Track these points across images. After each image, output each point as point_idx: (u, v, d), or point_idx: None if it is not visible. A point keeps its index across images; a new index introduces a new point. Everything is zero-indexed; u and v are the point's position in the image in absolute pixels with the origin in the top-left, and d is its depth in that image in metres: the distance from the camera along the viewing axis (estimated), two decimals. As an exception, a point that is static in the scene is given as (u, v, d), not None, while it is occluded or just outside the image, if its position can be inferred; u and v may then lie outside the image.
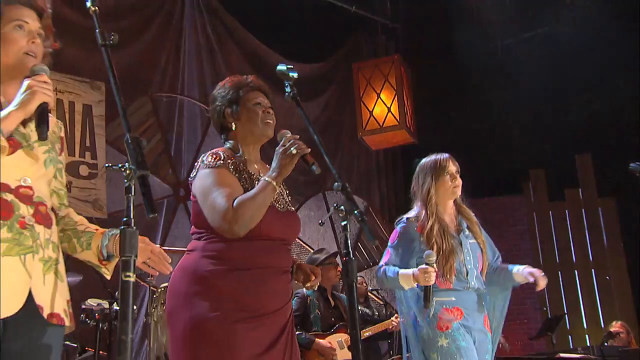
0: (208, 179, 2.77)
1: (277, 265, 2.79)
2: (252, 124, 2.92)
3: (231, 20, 9.58)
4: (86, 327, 6.10)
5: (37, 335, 2.21)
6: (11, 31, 2.30)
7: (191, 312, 2.66)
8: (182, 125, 9.00)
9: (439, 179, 3.76)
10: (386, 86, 10.14)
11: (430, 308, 3.58)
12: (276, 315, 2.73)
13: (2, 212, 2.16)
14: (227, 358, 2.58)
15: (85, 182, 7.94)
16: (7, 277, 2.13)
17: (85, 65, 8.03)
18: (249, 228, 2.62)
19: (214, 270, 2.70)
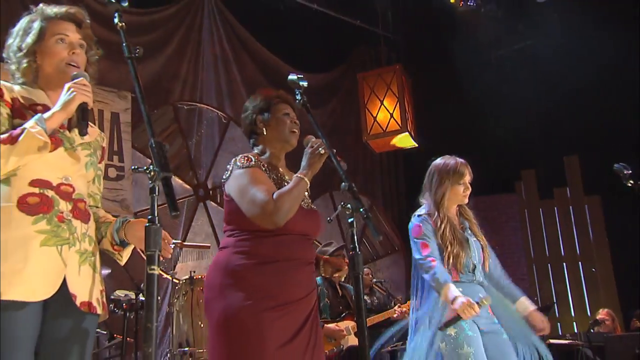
0: (244, 178, 2.82)
1: (301, 257, 2.84)
2: (280, 131, 2.98)
3: (245, 33, 9.58)
4: (114, 316, 6.11)
5: (71, 322, 2.23)
6: (53, 45, 2.35)
7: (224, 303, 2.71)
8: (201, 131, 9.01)
9: (454, 185, 3.70)
10: (389, 94, 10.14)
11: (444, 330, 3.52)
12: (301, 303, 2.77)
13: (42, 207, 2.19)
14: (256, 346, 2.62)
15: (113, 184, 7.96)
16: (43, 264, 2.16)
17: (112, 77, 8.04)
18: (287, 218, 2.69)
19: (243, 264, 2.74)
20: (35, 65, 2.34)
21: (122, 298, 5.86)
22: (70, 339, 2.23)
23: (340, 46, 10.55)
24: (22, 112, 2.24)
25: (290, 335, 2.68)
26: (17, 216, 2.15)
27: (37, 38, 2.33)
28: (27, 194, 2.19)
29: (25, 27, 2.37)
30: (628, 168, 3.87)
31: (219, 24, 9.36)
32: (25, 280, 2.11)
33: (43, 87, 2.37)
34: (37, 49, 2.33)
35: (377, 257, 10.08)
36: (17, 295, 2.09)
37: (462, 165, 3.75)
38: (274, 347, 2.62)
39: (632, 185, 3.88)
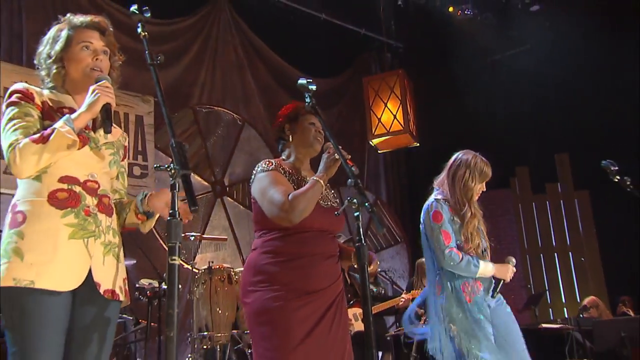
0: (265, 180, 2.88)
1: (322, 252, 2.88)
2: (305, 139, 3.04)
3: (258, 41, 9.59)
4: (140, 303, 6.14)
5: (96, 308, 2.26)
6: (79, 51, 2.36)
7: (254, 297, 2.80)
8: (218, 132, 9.02)
9: (480, 182, 3.72)
10: (392, 97, 10.11)
11: (495, 297, 3.59)
12: (325, 293, 2.82)
13: (71, 201, 2.21)
14: (283, 334, 2.69)
15: (138, 181, 7.99)
16: (71, 256, 2.18)
17: (137, 82, 8.06)
18: (302, 217, 2.73)
19: (269, 262, 2.82)
20: (63, 71, 2.35)
21: (147, 286, 5.89)
22: (94, 324, 2.25)
23: (346, 53, 10.54)
24: (51, 115, 2.26)
25: (315, 322, 2.74)
26: (47, 210, 2.17)
27: (65, 45, 2.34)
28: (57, 189, 2.21)
29: (54, 35, 2.38)
30: (615, 165, 3.86)
31: (234, 33, 9.37)
32: (54, 271, 2.13)
33: (70, 92, 2.39)
34: (64, 55, 2.34)
35: (381, 248, 10.07)
36: (47, 284, 2.11)
37: (488, 167, 3.76)
38: (301, 334, 2.69)
39: (618, 180, 3.86)
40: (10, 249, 2.11)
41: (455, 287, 3.51)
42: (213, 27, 9.21)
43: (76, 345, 2.21)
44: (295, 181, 2.94)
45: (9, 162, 2.13)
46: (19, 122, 2.19)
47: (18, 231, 2.14)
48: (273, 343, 2.69)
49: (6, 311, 2.09)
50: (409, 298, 6.13)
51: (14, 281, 2.06)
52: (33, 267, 2.09)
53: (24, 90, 2.27)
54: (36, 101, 2.26)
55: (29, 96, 2.25)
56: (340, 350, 2.81)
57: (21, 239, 2.12)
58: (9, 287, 2.06)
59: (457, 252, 3.50)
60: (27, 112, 2.22)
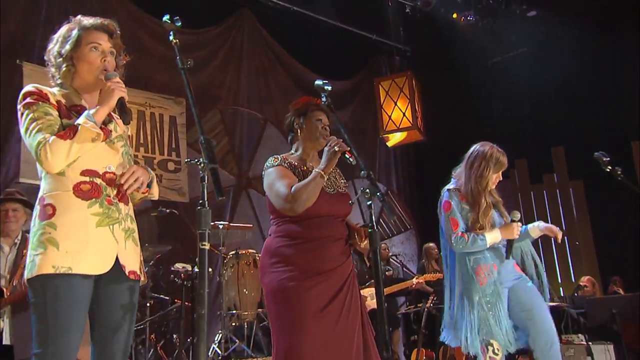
0: (272, 175, 2.91)
1: (331, 235, 2.86)
2: (312, 134, 3.03)
3: (278, 48, 9.59)
4: (175, 285, 6.18)
5: (121, 287, 2.27)
6: (88, 52, 2.32)
7: (270, 278, 2.81)
8: (243, 130, 9.04)
9: (495, 172, 3.59)
10: (401, 96, 10.13)
11: (510, 258, 3.53)
12: (335, 273, 2.81)
13: (94, 193, 2.22)
14: (297, 310, 2.68)
15: (172, 175, 8.03)
16: (101, 243, 2.20)
17: (170, 87, 8.12)
18: (305, 206, 2.75)
19: (284, 245, 2.83)
20: (73, 69, 2.32)
21: (181, 270, 5.92)
22: (122, 302, 2.26)
23: (359, 56, 10.51)
24: (67, 113, 2.26)
25: (328, 299, 2.73)
26: (75, 201, 2.18)
27: (75, 45, 2.31)
28: (80, 182, 2.21)
29: (64, 34, 2.34)
30: (607, 156, 3.82)
31: (257, 40, 9.38)
32: (88, 257, 2.15)
33: (78, 89, 2.37)
34: (74, 54, 2.31)
35: (392, 235, 10.05)
36: (83, 269, 2.13)
37: (503, 157, 3.64)
38: (314, 310, 2.68)
39: (610, 170, 3.83)
40: (45, 239, 2.12)
41: (469, 271, 3.47)
42: (238, 36, 9.22)
43: (106, 322, 2.23)
44: (300, 173, 2.93)
45: (40, 160, 2.13)
46: (42, 121, 2.17)
47: (50, 222, 2.14)
48: (289, 319, 2.69)
49: (39, 294, 2.10)
50: (420, 281, 6.11)
51: (54, 268, 2.08)
52: (69, 255, 2.11)
53: (38, 91, 2.25)
54: (51, 101, 2.24)
55: (44, 97, 2.23)
56: (355, 324, 2.79)
57: (54, 229, 2.13)
58: (47, 274, 2.08)
59: (462, 234, 3.46)
60: (47, 111, 2.20)
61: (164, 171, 7.95)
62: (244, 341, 6.05)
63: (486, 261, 3.48)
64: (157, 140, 8.03)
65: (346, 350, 2.69)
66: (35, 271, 2.08)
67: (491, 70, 9.81)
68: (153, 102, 8.07)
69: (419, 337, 6.14)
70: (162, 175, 7.93)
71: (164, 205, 7.09)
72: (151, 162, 7.90)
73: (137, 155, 7.78)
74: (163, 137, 8.08)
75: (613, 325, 5.59)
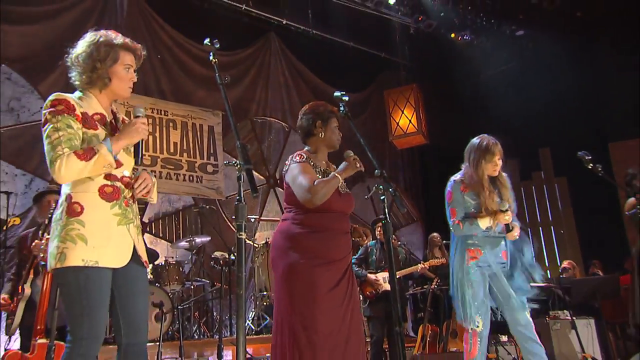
0: (296, 170, 2.85)
1: (339, 228, 2.83)
2: (331, 140, 2.98)
3: (301, 66, 9.61)
4: (214, 270, 6.22)
5: (139, 274, 2.28)
6: (122, 70, 2.28)
7: (286, 260, 2.75)
8: (270, 137, 9.07)
9: (488, 161, 3.49)
10: (407, 105, 10.15)
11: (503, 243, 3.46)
12: (340, 262, 2.77)
13: (115, 195, 2.20)
14: (310, 291, 2.65)
15: (211, 176, 8.07)
16: (121, 240, 2.20)
17: (208, 101, 8.18)
18: (322, 200, 2.72)
19: (299, 232, 2.77)
20: (109, 82, 2.27)
21: (220, 257, 5.95)
22: (140, 284, 2.28)
23: (370, 72, 10.47)
24: (88, 122, 2.21)
25: (334, 284, 2.70)
26: (100, 202, 2.16)
27: (113, 63, 2.26)
28: (104, 185, 2.18)
29: (104, 50, 2.25)
30: (588, 155, 3.78)
31: (282, 60, 9.41)
32: (111, 253, 2.15)
33: (98, 93, 2.30)
34: (110, 69, 2.26)
35: (401, 226, 10.00)
36: (107, 263, 2.13)
37: (494, 145, 3.53)
38: (324, 292, 2.65)
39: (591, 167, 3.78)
40: (74, 234, 2.10)
41: (461, 252, 3.41)
42: (265, 56, 9.25)
43: (131, 303, 2.23)
44: (321, 171, 2.91)
45: (54, 169, 2.08)
46: (63, 133, 2.11)
47: (79, 220, 2.12)
48: (303, 295, 2.66)
49: (72, 283, 2.10)
50: (424, 267, 6.07)
51: (83, 261, 2.08)
52: (95, 250, 2.10)
53: (66, 101, 2.17)
54: (77, 112, 2.17)
55: (71, 108, 2.16)
56: (357, 307, 2.78)
57: (82, 226, 2.11)
58: (78, 266, 2.08)
59: (458, 222, 3.39)
60: (69, 123, 2.13)
61: (204, 173, 7.99)
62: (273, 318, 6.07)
63: (475, 246, 3.39)
64: (198, 147, 8.08)
65: (349, 325, 2.68)
66: (66, 262, 2.08)
67: (485, 82, 9.72)
68: (194, 114, 8.12)
69: (425, 314, 6.11)
70: (202, 176, 7.97)
71: (204, 203, 7.15)
72: (193, 165, 7.94)
73: (181, 159, 7.85)
74: (203, 144, 8.12)
75: (594, 302, 5.55)
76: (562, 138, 8.63)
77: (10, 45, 6.51)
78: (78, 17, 7.10)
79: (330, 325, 2.62)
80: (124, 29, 7.00)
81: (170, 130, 7.87)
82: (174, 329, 5.46)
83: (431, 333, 5.73)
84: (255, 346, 5.09)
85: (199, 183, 7.95)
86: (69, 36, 2.42)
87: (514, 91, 9.19)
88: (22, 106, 6.53)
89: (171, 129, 7.87)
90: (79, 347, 2.07)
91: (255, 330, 5.97)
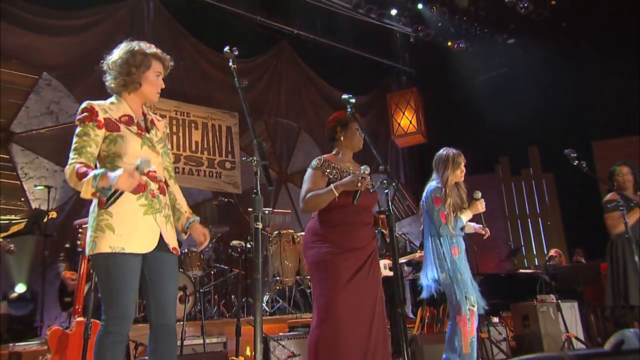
0: (307, 176, 2.90)
1: (360, 221, 2.83)
2: (353, 141, 2.98)
3: (310, 71, 9.61)
4: (232, 257, 6.24)
5: (167, 258, 2.27)
6: (154, 77, 2.31)
7: (312, 252, 2.81)
8: (282, 137, 9.08)
9: (454, 171, 3.51)
10: (408, 107, 10.15)
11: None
12: (363, 249, 2.79)
13: (141, 188, 2.19)
14: (333, 277, 2.68)
15: (229, 172, 8.10)
16: (147, 228, 2.20)
17: (226, 103, 8.19)
18: (313, 210, 2.84)
19: (324, 227, 2.81)
20: (139, 87, 2.29)
21: (237, 245, 5.96)
22: (168, 269, 2.27)
23: (373, 77, 10.47)
24: (112, 124, 2.21)
25: (355, 270, 2.72)
26: (126, 194, 2.13)
27: (145, 69, 2.29)
28: None
29: (139, 58, 2.28)
30: (574, 152, 3.75)
31: (293, 66, 9.42)
32: (137, 240, 2.15)
33: (129, 96, 2.32)
34: (142, 75, 2.28)
35: (402, 218, 9.99)
36: (133, 249, 2.14)
37: (459, 156, 3.56)
38: (346, 277, 2.68)
39: (576, 164, 3.76)
40: (103, 224, 2.11)
41: (447, 247, 3.43)
42: (278, 63, 9.25)
43: (161, 285, 2.24)
44: (339, 171, 2.88)
45: (65, 171, 2.10)
46: (78, 141, 2.14)
47: (107, 211, 2.12)
48: (327, 283, 2.69)
49: (102, 267, 2.11)
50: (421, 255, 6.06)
51: (110, 248, 2.09)
52: (122, 238, 2.11)
53: (91, 108, 2.20)
54: (99, 117, 2.18)
55: (94, 114, 2.17)
56: (375, 290, 2.78)
57: (110, 217, 2.12)
58: (106, 253, 2.10)
59: (446, 222, 3.43)
60: (87, 131, 2.15)
61: (222, 169, 8.02)
62: (286, 301, 6.09)
63: (455, 244, 3.44)
64: (217, 145, 8.10)
65: (367, 309, 2.69)
66: (96, 250, 2.10)
67: (479, 86, 9.68)
68: (214, 115, 8.14)
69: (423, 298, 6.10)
70: (220, 172, 8.00)
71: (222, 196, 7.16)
72: (213, 162, 7.97)
73: (201, 157, 7.88)
74: (222, 142, 8.15)
75: (577, 287, 5.53)
76: (549, 137, 8.60)
77: (50, 54, 6.70)
78: (110, 29, 7.16)
79: (352, 309, 2.64)
80: (151, 39, 7.02)
81: (192, 130, 7.90)
82: (196, 310, 5.49)
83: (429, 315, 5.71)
84: (269, 326, 5.10)
85: (218, 178, 7.98)
86: (102, 46, 2.41)
87: (505, 94, 9.14)
88: (60, 109, 6.67)
89: (193, 129, 7.90)
90: (111, 325, 2.09)
91: (269, 312, 5.99)
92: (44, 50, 6.62)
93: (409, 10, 9.25)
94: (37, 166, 6.34)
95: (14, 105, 6.39)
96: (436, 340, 4.42)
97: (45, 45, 6.65)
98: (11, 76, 6.43)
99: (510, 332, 5.65)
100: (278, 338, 4.44)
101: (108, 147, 2.19)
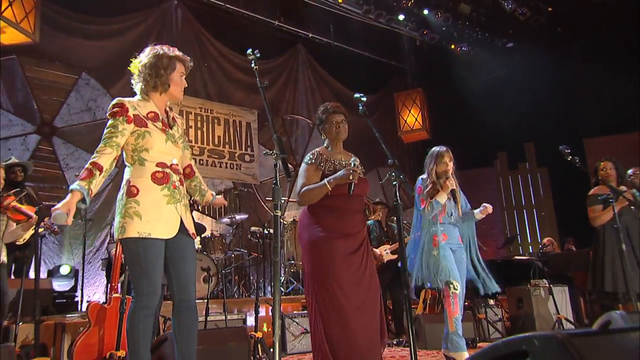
0: (302, 170, 2.81)
1: (352, 208, 2.73)
2: (332, 133, 2.85)
3: (323, 72, 9.59)
4: (251, 242, 6.28)
5: (187, 242, 2.28)
6: (179, 78, 2.32)
7: (308, 234, 2.69)
8: (298, 132, 9.09)
9: (439, 165, 3.49)
10: (414, 106, 10.12)
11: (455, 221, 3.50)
12: (355, 236, 2.69)
13: (165, 179, 2.22)
14: (329, 258, 2.58)
15: (248, 164, 8.13)
16: (169, 216, 2.21)
17: (247, 102, 8.22)
18: (307, 203, 2.72)
19: (318, 211, 2.71)
20: (167, 87, 2.31)
21: (256, 231, 5.99)
22: (188, 252, 2.28)
23: (382, 77, 10.41)
24: (140, 120, 2.22)
25: (350, 252, 2.63)
26: (152, 186, 2.17)
27: (172, 71, 2.30)
28: (155, 171, 2.20)
29: (166, 61, 2.30)
30: (568, 148, 3.71)
31: (308, 67, 9.41)
32: (162, 226, 2.17)
33: (158, 96, 2.32)
34: (169, 76, 2.30)
35: (406, 208, 9.97)
36: (158, 234, 2.16)
37: (444, 152, 3.52)
38: (340, 257, 2.58)
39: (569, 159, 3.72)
40: (132, 212, 2.13)
41: (430, 235, 3.39)
42: (294, 64, 9.25)
43: (182, 266, 2.26)
44: (332, 164, 2.79)
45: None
46: (107, 133, 2.17)
47: (135, 200, 2.14)
48: (322, 264, 2.60)
49: (132, 250, 2.14)
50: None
51: (138, 233, 2.11)
52: (148, 224, 2.13)
53: (121, 104, 2.21)
54: (129, 114, 2.20)
55: (125, 110, 2.19)
56: (369, 276, 2.68)
57: (138, 205, 2.14)
58: (135, 237, 2.12)
59: (426, 207, 3.40)
60: (116, 124, 2.17)
61: (242, 162, 8.06)
62: (299, 282, 6.13)
63: (442, 231, 3.39)
64: (237, 140, 8.14)
65: (365, 291, 2.61)
66: (125, 234, 2.13)
67: (479, 86, 9.59)
68: (235, 112, 8.17)
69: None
70: (240, 164, 8.04)
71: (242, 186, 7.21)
72: (234, 155, 8.02)
73: (223, 150, 7.92)
74: (242, 137, 8.18)
75: (568, 273, 5.50)
76: (544, 134, 8.53)
77: (88, 56, 6.84)
78: (142, 33, 7.23)
79: (347, 288, 2.56)
80: (178, 43, 7.06)
81: (215, 125, 7.94)
82: (219, 289, 5.55)
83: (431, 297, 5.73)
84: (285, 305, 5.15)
85: (238, 170, 8.02)
86: (135, 48, 2.42)
87: (504, 94, 9.07)
88: (97, 106, 6.79)
89: (215, 125, 7.94)
90: (141, 300, 2.12)
91: (285, 292, 6.04)
92: (83, 53, 6.80)
93: (415, 16, 9.17)
94: (76, 157, 6.45)
95: (56, 103, 6.54)
96: (437, 320, 4.44)
97: (84, 49, 6.81)
98: (54, 76, 6.61)
99: (505, 313, 5.65)
100: (293, 316, 4.48)
101: (136, 140, 2.20)
